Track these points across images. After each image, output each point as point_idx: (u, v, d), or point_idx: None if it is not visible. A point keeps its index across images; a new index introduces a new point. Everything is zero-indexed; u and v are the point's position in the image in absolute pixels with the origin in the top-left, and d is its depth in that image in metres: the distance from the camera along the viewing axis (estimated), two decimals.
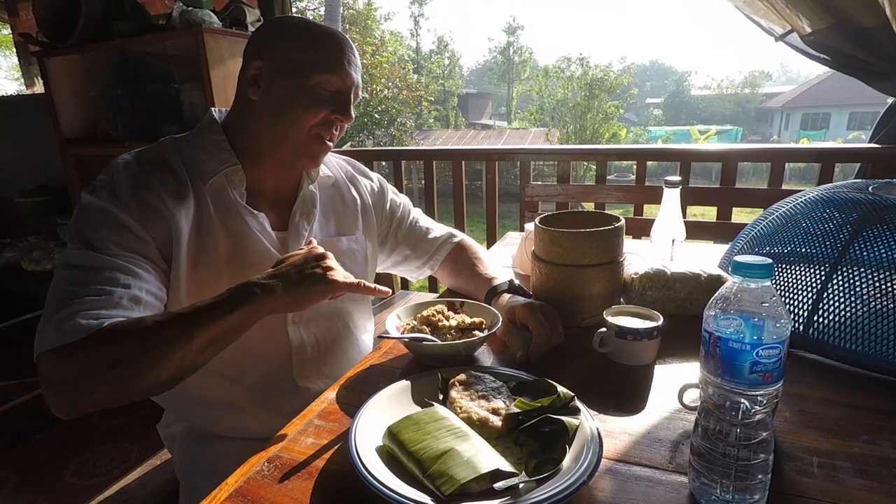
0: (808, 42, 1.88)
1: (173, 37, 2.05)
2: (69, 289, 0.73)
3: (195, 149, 0.93)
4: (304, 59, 0.90)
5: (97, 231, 0.79)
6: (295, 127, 0.92)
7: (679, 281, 1.00)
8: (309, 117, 0.92)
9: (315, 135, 0.94)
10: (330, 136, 0.96)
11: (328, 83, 0.92)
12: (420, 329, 0.88)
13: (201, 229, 0.89)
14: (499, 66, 34.27)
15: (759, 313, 0.49)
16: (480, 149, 2.91)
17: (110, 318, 0.71)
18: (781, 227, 1.01)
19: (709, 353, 0.52)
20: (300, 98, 0.90)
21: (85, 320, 0.69)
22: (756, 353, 0.48)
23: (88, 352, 0.67)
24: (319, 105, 0.92)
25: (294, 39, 0.91)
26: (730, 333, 0.49)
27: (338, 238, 1.06)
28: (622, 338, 0.85)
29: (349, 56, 0.94)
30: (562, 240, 0.97)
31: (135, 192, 0.83)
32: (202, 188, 0.90)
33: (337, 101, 0.93)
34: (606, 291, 0.99)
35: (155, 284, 0.82)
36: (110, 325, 0.69)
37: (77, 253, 0.78)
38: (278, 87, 0.91)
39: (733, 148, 2.19)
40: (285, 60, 0.90)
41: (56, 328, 0.69)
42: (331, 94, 0.92)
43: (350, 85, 0.94)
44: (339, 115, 0.94)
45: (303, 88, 0.90)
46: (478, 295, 1.11)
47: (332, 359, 1.07)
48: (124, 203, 0.82)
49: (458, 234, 1.27)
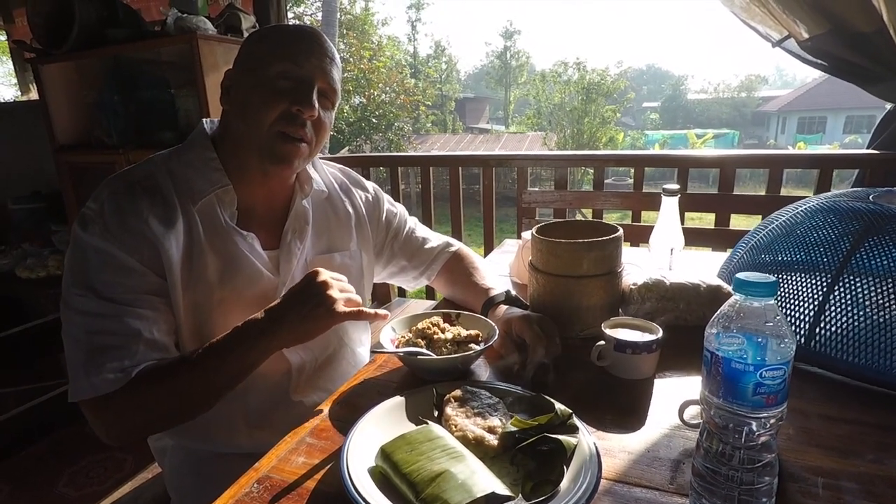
0: (806, 48, 1.87)
1: (167, 43, 2.04)
2: (87, 338, 0.78)
3: (185, 167, 0.91)
4: (263, 53, 0.88)
5: (99, 274, 0.80)
6: (255, 125, 0.86)
7: (678, 291, 0.99)
8: (266, 112, 0.85)
9: (277, 133, 0.87)
10: (297, 132, 0.87)
11: (286, 72, 0.86)
12: (415, 342, 0.87)
13: (192, 253, 0.87)
14: (496, 71, 34.33)
15: (763, 332, 0.47)
16: (477, 155, 2.90)
17: (134, 367, 0.78)
18: (782, 236, 1.00)
19: (711, 372, 0.50)
20: (258, 93, 0.86)
21: (112, 374, 0.76)
22: (760, 375, 0.46)
23: (121, 404, 0.77)
24: (276, 96, 0.85)
25: (260, 40, 0.91)
26: (732, 353, 0.47)
27: (330, 255, 1.04)
28: (621, 351, 0.83)
29: (310, 44, 0.89)
30: (559, 250, 0.95)
31: (124, 223, 0.82)
32: (192, 209, 0.88)
33: (296, 90, 0.86)
34: (604, 302, 0.97)
35: (165, 320, 0.84)
36: (136, 377, 0.77)
37: (85, 300, 0.79)
38: (241, 88, 0.89)
39: (731, 154, 2.18)
40: (246, 60, 0.90)
41: (86, 380, 0.76)
42: (290, 84, 0.86)
43: (311, 73, 0.87)
44: (298, 105, 0.85)
45: (261, 83, 0.87)
46: (474, 305, 1.09)
47: (328, 373, 1.05)
48: (118, 237, 0.81)
49: (454, 244, 1.25)
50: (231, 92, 0.91)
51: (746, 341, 0.47)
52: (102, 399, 0.77)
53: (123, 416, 0.79)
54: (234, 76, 0.91)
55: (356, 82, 14.88)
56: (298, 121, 0.88)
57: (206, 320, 0.89)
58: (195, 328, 0.89)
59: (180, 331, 0.88)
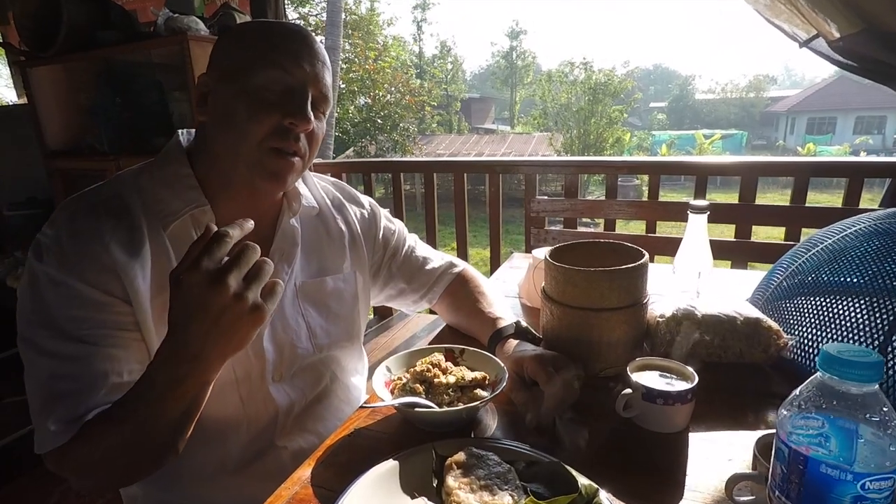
0: (836, 48, 1.75)
1: (158, 45, 1.94)
2: (49, 383, 0.69)
3: (158, 184, 0.80)
4: (244, 58, 0.76)
5: (62, 310, 0.70)
6: (242, 141, 0.76)
7: (711, 325, 0.87)
8: (255, 126, 0.75)
9: (269, 149, 0.77)
10: (291, 147, 0.77)
11: (274, 81, 0.75)
12: (412, 388, 0.75)
13: (163, 284, 0.76)
14: (502, 71, 34.16)
15: (865, 428, 0.36)
16: (483, 160, 2.79)
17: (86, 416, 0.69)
18: (830, 259, 0.88)
19: (788, 472, 0.39)
20: (242, 104, 0.75)
21: (57, 426, 0.67)
22: (861, 486, 0.35)
23: (77, 458, 0.68)
24: (265, 109, 0.75)
25: (238, 39, 0.79)
26: (822, 454, 0.36)
27: (322, 279, 0.94)
28: (650, 401, 0.72)
29: (300, 47, 0.77)
30: (577, 279, 0.84)
31: (83, 251, 0.71)
32: (163, 234, 0.77)
33: (288, 101, 0.76)
34: (628, 338, 0.86)
35: (136, 356, 0.74)
36: (85, 427, 0.67)
37: (51, 341, 0.69)
38: (221, 98, 0.77)
39: (753, 161, 2.06)
40: (226, 65, 0.77)
41: (39, 432, 0.68)
42: (279, 94, 0.76)
43: (302, 80, 0.77)
44: (291, 118, 0.75)
45: (245, 92, 0.75)
46: (479, 335, 0.99)
47: (317, 412, 0.94)
48: (76, 268, 0.70)
49: (459, 264, 1.14)
50: (209, 100, 0.79)
51: (840, 439, 0.36)
52: (58, 452, 0.68)
53: (83, 470, 0.70)
54: (212, 82, 0.79)
55: (361, 83, 14.81)
56: (292, 135, 0.77)
57: None
58: None
59: None
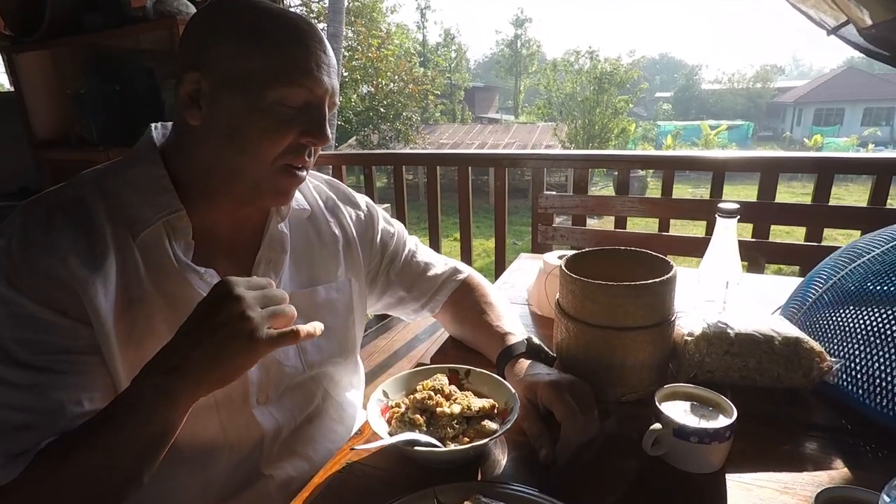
0: (867, 36, 1.63)
1: (146, 30, 1.84)
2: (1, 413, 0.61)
3: (126, 187, 0.70)
4: (255, 68, 0.66)
5: (9, 331, 0.62)
6: (252, 160, 0.69)
7: (746, 345, 0.78)
8: (269, 146, 0.68)
9: (281, 167, 0.71)
10: (301, 163, 0.73)
11: (292, 98, 0.68)
12: (412, 419, 0.67)
13: (130, 299, 0.68)
14: (506, 59, 33.76)
15: None
16: (489, 153, 2.69)
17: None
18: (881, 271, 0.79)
19: None
20: (255, 122, 0.67)
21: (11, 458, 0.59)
22: None
23: (22, 497, 0.60)
24: (282, 128, 0.68)
25: (241, 37, 0.67)
26: None
27: (313, 289, 0.85)
28: (683, 439, 0.63)
29: (318, 54, 0.69)
30: (597, 294, 0.75)
31: (36, 264, 0.62)
32: (131, 243, 0.68)
33: (306, 118, 0.69)
34: (653, 360, 0.77)
35: (96, 384, 0.66)
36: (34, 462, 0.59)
37: None
38: (225, 109, 0.67)
39: (774, 156, 1.96)
40: (231, 71, 0.67)
41: None
42: (296, 110, 0.69)
43: (322, 94, 0.70)
44: (310, 137, 0.70)
45: (257, 108, 0.67)
46: (486, 351, 0.90)
47: (308, 434, 0.86)
48: (27, 284, 0.62)
49: (463, 270, 1.05)
50: (206, 106, 0.68)
51: None
52: (11, 488, 0.59)
53: None
54: (211, 88, 0.67)
55: (364, 71, 14.63)
56: (306, 151, 0.72)
57: None
58: None
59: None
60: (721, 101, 38.37)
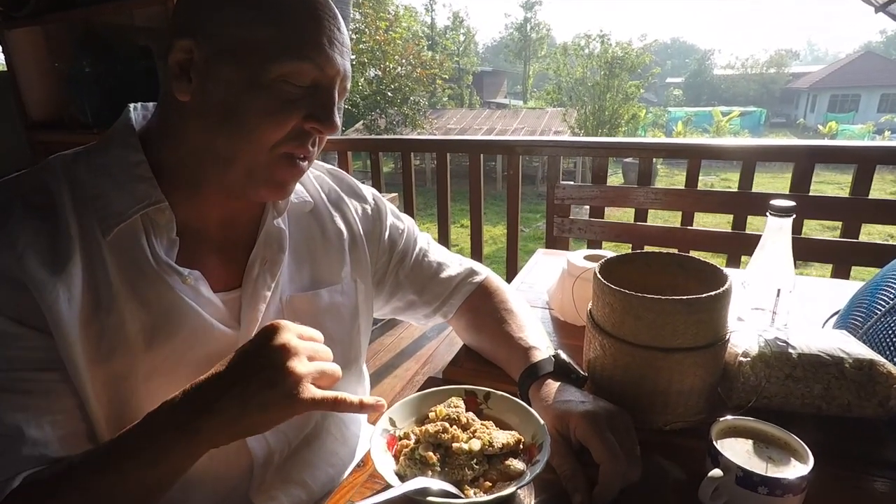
0: None
1: (140, 5, 1.73)
2: None
3: (98, 174, 0.61)
4: (259, 37, 0.57)
5: None
6: (248, 144, 0.60)
7: (811, 368, 0.67)
8: (269, 130, 0.60)
9: (281, 155, 0.62)
10: (304, 153, 0.64)
11: (298, 74, 0.59)
12: (423, 457, 0.56)
13: (98, 305, 0.58)
14: (515, 43, 33.22)
15: None
16: (502, 140, 2.56)
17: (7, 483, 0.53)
18: None
19: None
20: (255, 99, 0.58)
21: None
22: None
23: None
24: (285, 109, 0.59)
25: (245, 3, 0.58)
26: None
27: (315, 292, 0.75)
28: (749, 489, 0.53)
29: (332, 30, 0.60)
30: (640, 309, 0.64)
31: None
32: (101, 240, 0.59)
33: (313, 100, 0.61)
34: (704, 384, 0.66)
35: (59, 404, 0.57)
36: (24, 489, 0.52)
37: None
38: (221, 83, 0.58)
39: (807, 144, 1.83)
40: (230, 39, 0.57)
41: None
42: (303, 90, 0.60)
43: (333, 75, 0.61)
44: (317, 123, 0.61)
45: (258, 83, 0.58)
46: (507, 366, 0.80)
47: (305, 457, 0.76)
48: None
49: (481, 271, 0.95)
50: (197, 78, 0.59)
51: None
52: None
53: None
54: (206, 58, 0.58)
55: (371, 54, 14.38)
56: (310, 139, 0.63)
57: (130, 400, 0.61)
58: (115, 412, 0.61)
59: (93, 416, 0.60)
60: (733, 86, 37.72)
